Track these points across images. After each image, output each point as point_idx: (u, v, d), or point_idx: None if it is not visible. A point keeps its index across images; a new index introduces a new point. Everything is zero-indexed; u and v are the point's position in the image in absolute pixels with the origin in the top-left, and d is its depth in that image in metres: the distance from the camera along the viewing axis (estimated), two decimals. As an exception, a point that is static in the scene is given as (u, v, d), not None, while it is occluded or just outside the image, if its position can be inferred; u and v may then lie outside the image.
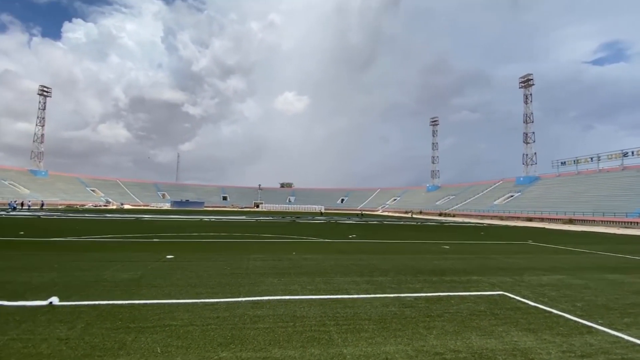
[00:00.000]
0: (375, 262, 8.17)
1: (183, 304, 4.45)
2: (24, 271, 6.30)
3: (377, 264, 7.90)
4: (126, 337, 3.31)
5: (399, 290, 5.44)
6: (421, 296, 5.13)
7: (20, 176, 67.09)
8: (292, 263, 7.74)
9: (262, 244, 11.60)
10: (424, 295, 5.21)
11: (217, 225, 20.55)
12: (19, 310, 4.04)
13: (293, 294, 5.04)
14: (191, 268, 6.95)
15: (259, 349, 3.10)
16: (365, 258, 8.90)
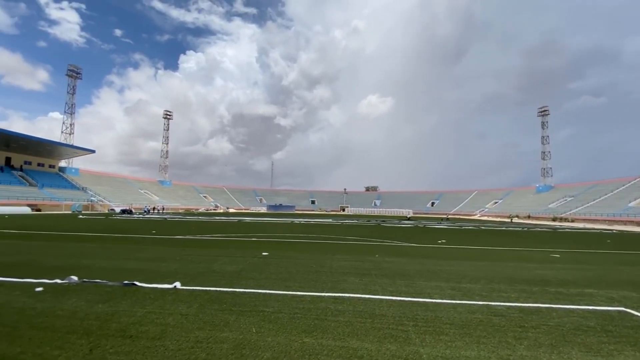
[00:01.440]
0: (465, 269, 7.67)
1: (274, 294, 5.01)
2: (156, 261, 7.88)
3: (467, 271, 7.40)
4: (229, 317, 3.96)
5: (490, 298, 5.06)
6: (515, 306, 4.69)
7: (152, 186, 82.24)
8: (374, 265, 7.84)
9: (347, 245, 11.94)
10: (518, 305, 4.74)
11: (306, 227, 21.81)
12: (153, 290, 5.14)
13: (373, 293, 5.17)
14: (282, 264, 7.67)
15: (338, 339, 3.35)
16: (454, 264, 8.41)
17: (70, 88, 68.52)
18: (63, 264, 7.18)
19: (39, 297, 4.64)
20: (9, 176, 51.29)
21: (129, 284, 5.43)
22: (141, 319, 3.83)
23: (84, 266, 6.98)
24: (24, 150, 55.73)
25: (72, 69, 68.63)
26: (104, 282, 5.49)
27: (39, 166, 60.14)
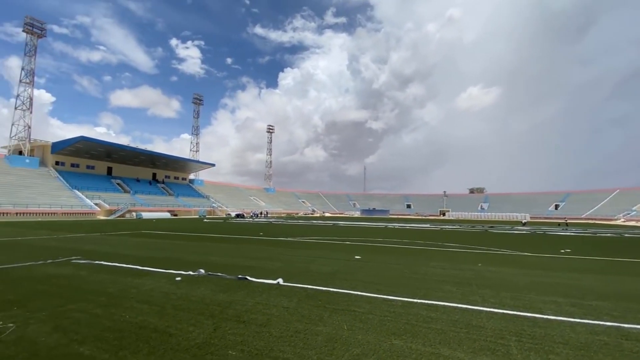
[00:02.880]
0: (592, 284, 6.44)
1: (365, 296, 5.18)
2: (263, 260, 8.91)
3: (594, 286, 6.21)
4: (323, 313, 4.29)
5: (622, 319, 4.19)
6: (663, 333, 3.78)
7: (259, 192, 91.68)
8: (476, 274, 7.24)
9: (444, 252, 11.26)
10: (669, 332, 3.81)
11: (399, 232, 21.27)
12: (260, 285, 5.89)
13: (471, 303, 4.85)
14: (374, 268, 7.78)
15: (428, 345, 3.32)
16: (578, 277, 7.14)
17: (195, 113, 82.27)
18: (194, 259, 8.77)
19: (178, 285, 5.84)
20: (155, 188, 64.35)
21: (242, 278, 6.34)
22: (251, 308, 4.48)
23: (209, 262, 8.39)
24: (164, 167, 69.17)
25: (196, 97, 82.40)
26: (224, 276, 6.53)
27: (175, 179, 73.68)
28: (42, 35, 54.56)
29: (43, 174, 49.37)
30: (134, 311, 4.28)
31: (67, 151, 52.39)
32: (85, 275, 6.49)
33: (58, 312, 4.18)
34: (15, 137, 52.21)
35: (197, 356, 3.01)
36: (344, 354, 3.10)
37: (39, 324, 3.77)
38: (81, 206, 44.19)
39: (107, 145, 53.56)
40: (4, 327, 3.66)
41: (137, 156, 60.34)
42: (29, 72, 53.34)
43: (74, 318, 3.98)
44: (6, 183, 42.38)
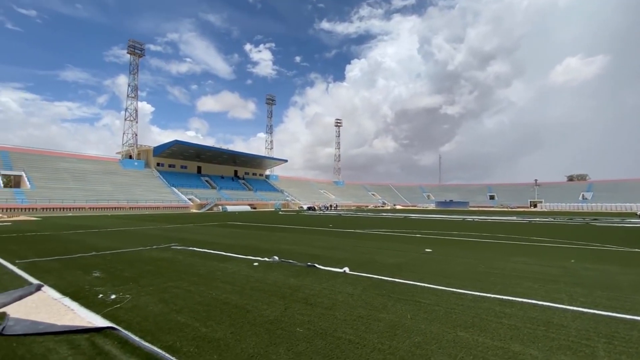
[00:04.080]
0: None
1: (432, 288, 5.06)
2: (331, 249, 9.24)
3: None
4: (387, 302, 4.36)
5: None
6: None
7: (328, 186, 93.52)
8: (566, 271, 6.44)
9: (530, 247, 10.15)
10: None
11: (479, 226, 19.72)
12: (327, 272, 6.18)
13: (555, 301, 4.39)
14: (445, 261, 7.47)
15: (497, 339, 3.17)
16: None
17: (268, 113, 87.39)
18: (269, 247, 9.53)
19: (255, 269, 6.48)
20: (237, 184, 70.47)
21: (311, 265, 6.73)
22: (318, 293, 4.77)
23: (283, 250, 9.04)
24: (244, 164, 75.24)
25: (269, 98, 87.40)
26: (295, 263, 7.01)
27: (253, 175, 79.59)
28: (142, 55, 63.63)
29: (147, 174, 57.95)
30: (219, 290, 4.94)
31: (165, 154, 60.57)
32: (181, 259, 7.62)
33: (161, 288, 5.05)
34: (126, 143, 62.24)
35: (270, 330, 3.38)
36: (405, 340, 3.15)
37: (148, 296, 4.62)
38: (177, 201, 50.78)
39: (197, 147, 60.41)
40: (123, 297, 4.58)
41: (221, 155, 66.85)
42: (134, 88, 62.85)
43: (173, 293, 4.77)
44: (121, 183, 50.90)
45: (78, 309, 4.07)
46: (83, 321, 3.64)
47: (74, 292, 4.79)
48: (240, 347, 2.99)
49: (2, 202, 35.78)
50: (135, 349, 2.94)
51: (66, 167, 49.60)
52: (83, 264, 7.04)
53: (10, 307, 4.17)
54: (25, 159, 46.82)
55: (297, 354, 2.85)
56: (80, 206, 40.21)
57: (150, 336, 3.21)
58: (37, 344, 3.09)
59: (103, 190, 46.47)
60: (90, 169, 51.66)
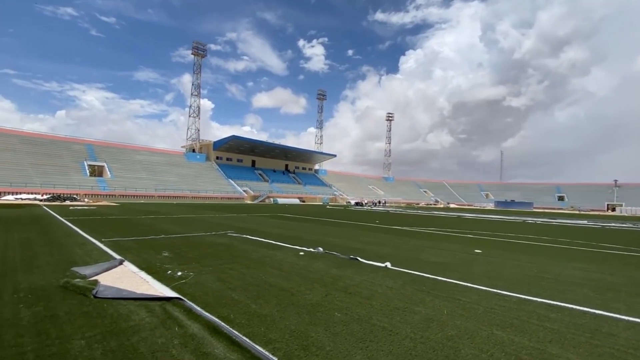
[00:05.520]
0: None
1: (475, 288, 5.02)
2: (375, 245, 9.39)
3: None
4: (425, 297, 4.46)
5: None
6: None
7: (377, 182, 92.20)
8: (632, 281, 5.87)
9: (594, 253, 9.27)
10: None
11: (540, 228, 18.20)
12: (369, 266, 6.38)
13: (611, 311, 4.11)
14: (494, 263, 7.22)
15: (535, 341, 3.15)
16: None
17: (319, 108, 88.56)
18: (315, 239, 9.97)
19: (301, 258, 6.92)
20: (287, 177, 72.84)
21: (353, 258, 6.99)
22: (358, 284, 5.03)
23: (327, 242, 9.42)
24: (294, 159, 77.40)
25: (320, 93, 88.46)
26: (338, 255, 7.33)
27: (303, 169, 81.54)
28: (204, 55, 68.31)
29: (208, 166, 62.45)
30: (268, 274, 5.44)
31: (223, 148, 64.72)
32: (236, 245, 8.37)
33: (219, 269, 5.70)
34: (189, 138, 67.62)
35: (311, 312, 3.73)
36: (438, 333, 3.28)
37: (208, 274, 5.27)
38: (234, 192, 54.13)
39: (251, 142, 63.58)
40: (187, 274, 5.28)
41: (273, 150, 69.58)
42: (197, 86, 67.85)
43: (228, 273, 5.38)
44: (185, 174, 55.57)
45: (152, 281, 4.82)
46: (156, 291, 4.33)
47: (148, 267, 5.63)
48: (284, 324, 3.38)
49: (88, 189, 41.43)
50: (198, 317, 3.48)
51: (140, 159, 55.61)
52: (155, 244, 8.10)
53: (100, 276, 5.06)
54: (106, 152, 53.49)
55: (334, 334, 3.15)
56: (150, 194, 44.95)
57: (209, 308, 3.74)
58: (122, 306, 3.79)
59: (169, 180, 51.33)
60: (159, 161, 57.29)
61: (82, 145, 52.74)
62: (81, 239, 8.81)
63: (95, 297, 4.07)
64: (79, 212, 19.49)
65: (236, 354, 2.69)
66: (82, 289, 4.28)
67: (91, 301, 3.90)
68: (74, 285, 4.42)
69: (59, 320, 3.32)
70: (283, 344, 2.92)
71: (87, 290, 4.21)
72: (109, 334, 3.02)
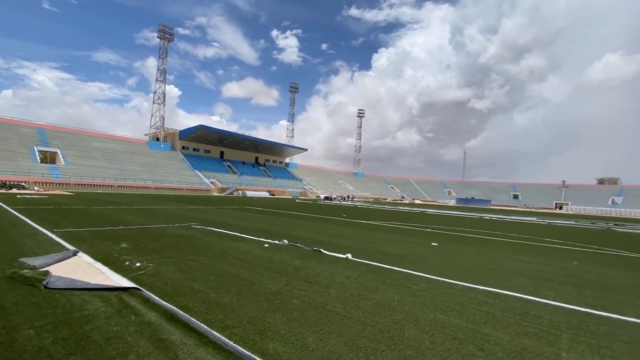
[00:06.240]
0: None
1: (426, 277, 5.40)
2: (339, 237, 9.68)
3: None
4: (380, 285, 4.76)
5: None
6: None
7: (347, 177, 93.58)
8: (565, 272, 6.58)
9: (537, 247, 10.18)
10: None
11: (494, 224, 19.54)
12: (331, 257, 6.62)
13: (541, 297, 4.63)
14: (447, 255, 7.74)
15: (472, 322, 3.51)
16: None
17: (291, 101, 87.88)
18: (282, 232, 10.08)
19: (265, 250, 7.02)
20: (257, 170, 71.91)
21: (317, 250, 7.19)
22: (319, 274, 5.23)
23: (293, 235, 9.56)
24: (265, 151, 76.49)
25: (292, 86, 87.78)
26: (302, 247, 7.50)
27: (274, 162, 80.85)
28: (171, 40, 65.23)
29: (173, 156, 60.11)
30: (230, 264, 5.49)
31: (190, 137, 62.51)
32: (200, 236, 8.29)
33: (180, 260, 5.66)
34: (154, 126, 64.62)
35: (270, 300, 3.87)
36: (387, 317, 3.55)
37: (168, 266, 5.23)
38: (200, 184, 52.60)
39: (219, 132, 61.89)
40: (147, 265, 5.20)
41: (243, 142, 68.23)
42: (162, 72, 64.75)
43: (190, 264, 5.37)
44: (148, 163, 53.16)
45: (108, 272, 4.72)
46: (112, 282, 4.26)
47: (104, 258, 5.48)
48: (242, 311, 3.49)
49: (38, 176, 38.49)
50: (155, 306, 3.50)
51: (98, 146, 52.37)
52: (112, 235, 7.82)
53: (52, 267, 4.86)
54: (60, 137, 49.81)
55: (290, 320, 3.32)
56: (109, 184, 42.59)
57: (168, 297, 3.76)
58: (75, 296, 3.70)
59: (131, 169, 48.87)
60: (120, 149, 54.29)
61: (32, 128, 48.70)
62: (31, 229, 8.30)
63: (46, 287, 3.93)
64: (28, 201, 18.15)
65: (193, 339, 2.77)
66: (31, 279, 4.12)
67: (41, 292, 3.78)
68: (22, 276, 4.23)
69: (5, 311, 3.20)
70: (240, 329, 3.04)
71: (37, 281, 4.06)
72: (60, 323, 2.98)
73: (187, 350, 2.59)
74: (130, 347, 2.62)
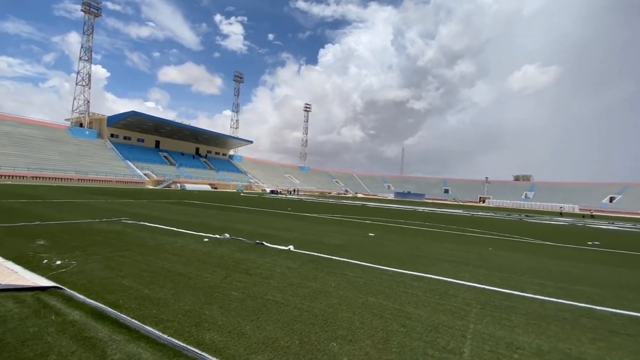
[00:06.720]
0: (597, 274, 6.49)
1: (362, 265, 5.78)
2: (283, 230, 9.79)
3: (597, 275, 6.29)
4: (318, 274, 4.98)
5: (599, 303, 4.42)
6: (628, 314, 4.00)
7: (293, 171, 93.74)
8: (480, 257, 7.52)
9: (461, 236, 11.43)
10: (633, 314, 4.02)
11: (426, 216, 21.31)
12: (273, 249, 6.70)
13: (459, 279, 5.27)
14: (383, 245, 8.32)
15: (397, 303, 3.89)
16: (589, 268, 7.15)
17: (235, 90, 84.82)
18: (223, 226, 9.86)
19: (205, 244, 6.84)
20: (197, 162, 68.34)
21: (259, 243, 7.21)
22: (260, 265, 5.29)
23: (235, 228, 9.41)
24: (207, 142, 72.90)
25: (237, 75, 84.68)
26: (244, 240, 7.45)
27: (216, 154, 77.50)
28: (98, 15, 58.50)
29: (100, 145, 54.36)
30: (165, 260, 5.27)
31: (120, 124, 56.98)
32: (130, 232, 7.75)
33: (108, 257, 5.28)
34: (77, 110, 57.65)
35: (208, 293, 3.84)
36: (323, 302, 3.77)
37: (94, 263, 4.85)
38: (132, 176, 48.41)
39: (155, 120, 57.37)
40: (69, 263, 4.77)
41: (182, 131, 64.14)
42: (87, 50, 57.88)
43: (119, 261, 5.04)
44: (70, 152, 47.42)
45: (22, 271, 4.23)
46: (28, 282, 3.84)
47: (16, 257, 4.87)
48: (178, 305, 3.42)
49: None
50: (80, 305, 3.26)
51: (6, 130, 45.14)
52: (26, 232, 6.94)
53: (-53, 268, 4.21)
54: (-46, 118, 41.88)
55: (228, 311, 3.35)
56: (21, 174, 37.11)
57: (95, 295, 3.53)
58: (-20, 300, 3.29)
59: (48, 158, 43.10)
60: (34, 135, 47.45)
61: None
62: None
63: (-62, 292, 3.42)
64: None
65: (123, 335, 2.67)
66: None
67: None
68: None
69: None
70: (175, 322, 2.99)
71: None
72: (-42, 330, 2.64)
73: (116, 347, 2.50)
74: (50, 347, 2.44)
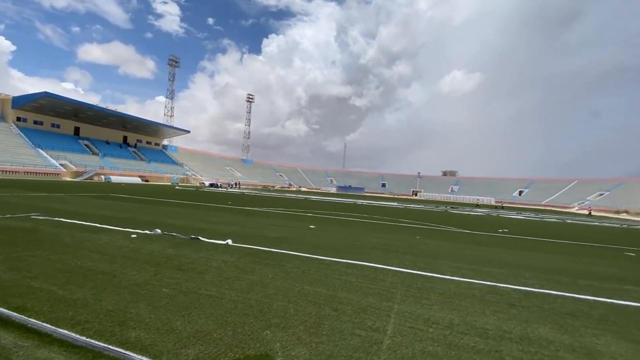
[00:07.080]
0: (504, 257, 7.53)
1: (300, 256, 5.92)
2: (222, 224, 9.51)
3: (503, 258, 7.30)
4: (256, 266, 4.99)
5: (502, 281, 5.16)
6: (524, 290, 4.76)
7: (235, 163, 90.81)
8: (408, 244, 8.19)
9: (393, 226, 12.28)
10: (528, 289, 4.79)
11: (364, 208, 22.39)
12: (210, 244, 6.50)
13: (388, 265, 5.70)
14: (322, 236, 8.57)
15: (331, 289, 4.10)
16: (497, 252, 8.24)
17: (170, 75, 78.86)
18: (154, 221, 9.23)
19: (133, 240, 6.36)
20: (125, 152, 62.34)
21: (194, 238, 6.92)
22: (194, 261, 5.10)
23: (168, 223, 8.88)
24: (136, 130, 66.73)
25: (172, 59, 78.69)
26: (178, 235, 7.09)
27: (148, 144, 71.43)
28: (-1, -24, 49.44)
29: (3, 129, 46.59)
30: (85, 258, 4.80)
31: (29, 107, 49.36)
32: (42, 229, 6.86)
33: (14, 257, 4.63)
34: (-30, 87, 48.39)
35: (134, 291, 3.61)
36: (259, 293, 3.81)
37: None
38: (45, 166, 42.47)
39: (74, 103, 50.71)
40: (-39, 266, 4.09)
41: (107, 117, 57.80)
42: (-16, 17, 48.72)
43: (28, 261, 4.46)
44: (-39, 137, 39.88)
45: None
46: None
47: None
48: (99, 305, 3.18)
49: None
50: (-27, 312, 2.84)
51: None
52: None
53: None
54: None
55: (157, 308, 3.20)
56: None
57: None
58: None
59: None
60: None
61: None
62: None
63: None
64: None
65: (31, 341, 2.41)
66: None
67: None
68: None
69: None
70: (95, 323, 2.78)
71: None
72: None
73: (23, 353, 2.25)
74: None
